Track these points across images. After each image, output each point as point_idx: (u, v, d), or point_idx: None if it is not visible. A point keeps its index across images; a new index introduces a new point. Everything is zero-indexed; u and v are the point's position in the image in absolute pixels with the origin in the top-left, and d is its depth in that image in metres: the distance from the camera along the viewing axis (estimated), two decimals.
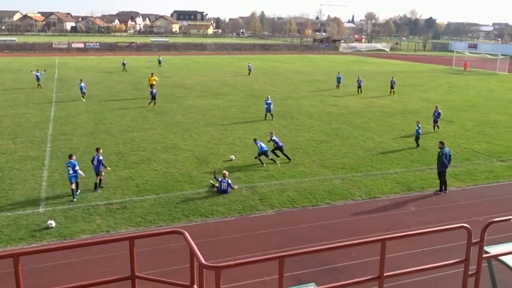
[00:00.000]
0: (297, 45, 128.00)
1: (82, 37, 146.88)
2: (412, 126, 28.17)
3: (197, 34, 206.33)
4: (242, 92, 41.78)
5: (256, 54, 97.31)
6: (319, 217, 14.96)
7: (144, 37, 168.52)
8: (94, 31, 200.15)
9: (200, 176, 18.54)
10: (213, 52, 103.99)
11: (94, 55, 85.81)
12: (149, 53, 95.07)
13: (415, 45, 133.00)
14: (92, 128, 26.39)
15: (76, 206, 15.37)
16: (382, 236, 5.79)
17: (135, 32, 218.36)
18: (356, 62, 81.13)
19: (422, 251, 12.50)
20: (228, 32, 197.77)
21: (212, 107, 33.78)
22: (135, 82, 47.26)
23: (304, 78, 53.47)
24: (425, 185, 18.09)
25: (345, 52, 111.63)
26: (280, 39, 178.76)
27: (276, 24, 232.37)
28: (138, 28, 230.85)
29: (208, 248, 12.45)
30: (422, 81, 52.43)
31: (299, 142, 24.27)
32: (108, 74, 53.75)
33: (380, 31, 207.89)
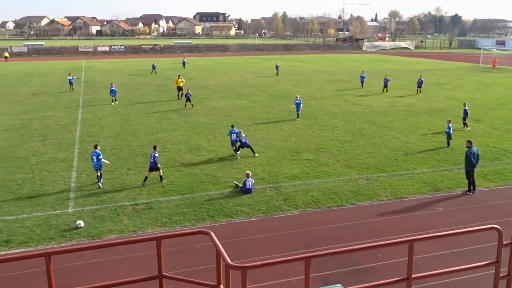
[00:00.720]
0: (320, 44, 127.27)
1: (107, 41, 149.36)
2: (439, 125, 27.72)
3: (219, 36, 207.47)
4: (264, 92, 41.81)
5: (278, 55, 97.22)
6: (344, 217, 14.85)
7: (168, 39, 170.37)
8: (118, 34, 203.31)
9: (224, 177, 18.63)
10: (236, 53, 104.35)
11: (119, 58, 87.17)
12: (172, 55, 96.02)
13: (441, 43, 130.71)
14: (118, 130, 26.81)
15: (104, 206, 15.64)
16: (411, 237, 5.71)
17: (158, 34, 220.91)
18: (380, 61, 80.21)
19: (451, 252, 12.26)
20: (250, 33, 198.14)
21: (235, 108, 33.90)
22: (159, 84, 47.80)
23: (327, 78, 53.15)
24: (453, 185, 17.75)
25: (369, 51, 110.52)
26: (302, 39, 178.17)
27: (298, 24, 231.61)
28: (161, 31, 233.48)
29: (233, 248, 12.49)
30: (448, 80, 51.49)
31: (323, 142, 24.14)
32: (133, 77, 54.52)
33: (404, 29, 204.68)
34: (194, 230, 6.77)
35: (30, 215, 14.90)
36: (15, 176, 18.64)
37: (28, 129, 26.98)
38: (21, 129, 27.15)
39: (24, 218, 14.66)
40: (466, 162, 16.91)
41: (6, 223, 14.24)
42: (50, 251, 5.93)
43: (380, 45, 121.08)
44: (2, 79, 52.33)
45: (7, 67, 68.25)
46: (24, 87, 45.49)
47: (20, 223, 14.29)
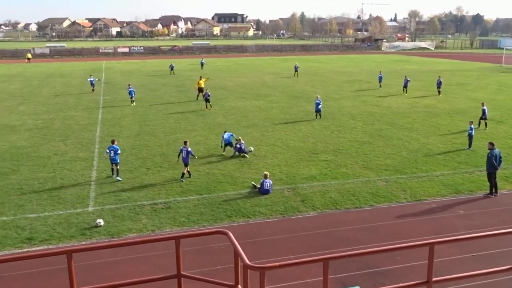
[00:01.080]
0: (338, 45, 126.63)
1: (127, 42, 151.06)
2: (460, 127, 27.32)
3: (237, 36, 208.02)
4: (282, 93, 41.76)
5: (296, 55, 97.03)
6: (362, 219, 14.74)
7: (186, 40, 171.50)
8: (138, 35, 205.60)
9: (242, 177, 18.67)
10: (254, 53, 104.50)
11: (138, 59, 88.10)
12: (191, 56, 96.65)
13: (462, 43, 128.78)
14: (137, 130, 27.09)
15: (123, 205, 15.83)
16: (431, 240, 5.65)
17: (177, 35, 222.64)
18: (399, 61, 79.41)
19: (472, 256, 12.07)
20: (268, 33, 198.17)
21: (253, 109, 33.94)
22: (178, 84, 48.15)
23: (346, 79, 52.84)
24: (474, 188, 17.46)
25: (388, 52, 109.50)
26: (320, 39, 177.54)
27: (317, 24, 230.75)
28: (180, 32, 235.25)
29: (251, 248, 12.51)
30: (469, 80, 50.69)
31: (341, 143, 24.00)
32: (151, 77, 55.04)
33: (424, 29, 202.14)
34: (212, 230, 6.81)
35: (51, 213, 15.16)
36: (37, 175, 19.00)
37: (50, 129, 27.45)
38: (43, 128, 27.65)
39: (46, 216, 14.94)
40: (488, 164, 16.63)
41: (28, 221, 14.53)
42: (72, 248, 6.03)
43: (400, 45, 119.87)
44: (25, 80, 53.37)
45: (30, 68, 69.59)
46: (47, 88, 46.32)
47: (42, 221, 14.56)
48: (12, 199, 16.37)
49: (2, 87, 46.92)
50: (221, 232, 6.53)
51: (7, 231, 13.80)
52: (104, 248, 7.89)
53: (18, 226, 14.17)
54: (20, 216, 14.89)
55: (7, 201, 16.18)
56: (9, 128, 27.75)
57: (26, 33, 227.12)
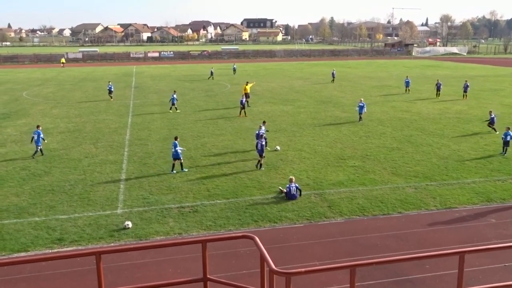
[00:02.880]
0: (367, 50, 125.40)
1: (157, 47, 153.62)
2: (492, 133, 26.61)
3: (266, 41, 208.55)
4: (311, 98, 41.60)
5: (325, 60, 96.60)
6: (390, 226, 14.50)
7: (215, 45, 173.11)
8: (168, 40, 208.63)
9: (269, 182, 18.66)
10: (282, 58, 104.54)
11: (168, 64, 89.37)
12: (220, 60, 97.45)
13: (495, 48, 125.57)
14: (166, 134, 27.45)
15: (151, 208, 16.04)
16: (461, 249, 5.52)
17: (206, 40, 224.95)
18: (430, 66, 78.03)
19: (504, 266, 11.71)
20: (297, 38, 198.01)
21: (281, 113, 33.92)
22: (206, 89, 48.60)
23: (375, 84, 52.25)
24: (507, 196, 16.96)
25: (418, 57, 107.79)
26: (349, 44, 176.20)
27: (346, 29, 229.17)
28: (209, 37, 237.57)
29: (277, 253, 12.47)
30: (503, 86, 49.35)
31: (370, 149, 23.72)
32: (181, 82, 55.72)
33: (457, 33, 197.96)
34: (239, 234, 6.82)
35: (81, 214, 15.50)
36: (68, 177, 19.47)
37: (81, 132, 28.11)
38: (75, 131, 28.34)
39: (76, 217, 15.27)
40: None
41: (59, 222, 14.88)
42: (101, 250, 6.15)
43: (431, 50, 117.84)
44: (59, 84, 54.86)
45: (64, 72, 71.51)
46: (79, 92, 47.48)
47: (72, 222, 14.89)
48: (43, 200, 16.81)
49: (37, 91, 48.37)
50: (247, 236, 6.55)
51: (38, 232, 14.17)
52: (132, 250, 8.03)
53: (49, 226, 14.54)
54: (51, 217, 15.28)
55: (39, 202, 16.63)
56: (43, 131, 28.51)
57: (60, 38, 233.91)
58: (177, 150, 19.94)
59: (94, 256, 6.02)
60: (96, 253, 5.99)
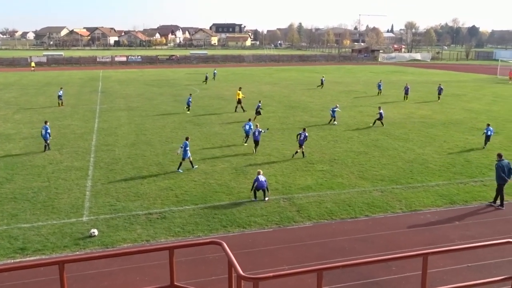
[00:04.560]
0: (335, 55, 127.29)
1: (124, 51, 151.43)
2: (455, 137, 27.45)
3: (235, 46, 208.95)
4: (279, 103, 41.86)
5: (293, 65, 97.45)
6: (358, 229, 14.72)
7: (184, 49, 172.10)
8: (136, 45, 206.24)
9: (238, 187, 18.64)
10: (251, 63, 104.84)
11: (136, 68, 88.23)
12: (188, 65, 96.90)
13: (457, 54, 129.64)
14: (134, 139, 27.06)
15: (118, 215, 15.75)
16: (424, 251, 5.65)
17: (175, 45, 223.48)
18: (396, 72, 79.83)
19: (467, 266, 12.06)
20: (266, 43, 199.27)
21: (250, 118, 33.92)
22: (175, 94, 48.23)
23: (342, 89, 53.04)
24: (469, 198, 17.49)
25: (384, 63, 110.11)
26: (318, 50, 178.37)
27: (314, 35, 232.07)
28: (178, 41, 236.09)
29: (246, 259, 12.47)
30: (465, 91, 50.97)
31: (338, 153, 24.03)
32: (149, 87, 55.11)
33: (421, 40, 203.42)
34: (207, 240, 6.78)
35: (45, 223, 15.07)
36: (31, 184, 18.91)
37: None
38: (38, 137, 27.49)
39: (40, 226, 14.84)
40: (496, 175, 16.64)
41: (22, 231, 14.42)
42: (64, 259, 6.00)
43: (396, 57, 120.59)
44: (22, 89, 53.33)
45: (27, 76, 69.57)
46: (43, 96, 46.28)
47: (35, 230, 14.46)
48: (5, 208, 16.27)
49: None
50: (215, 242, 6.52)
51: (0, 241, 13.70)
52: (97, 258, 7.87)
53: (11, 236, 14.07)
54: (13, 226, 14.79)
55: (0, 210, 16.08)
56: (4, 137, 27.67)
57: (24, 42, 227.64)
58: (187, 150, 20.68)
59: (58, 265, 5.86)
60: (60, 263, 5.83)
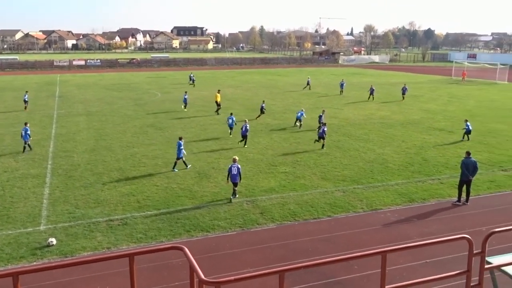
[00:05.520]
0: (297, 58, 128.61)
1: (83, 55, 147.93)
2: (413, 137, 28.24)
3: (197, 49, 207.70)
4: (242, 106, 41.90)
5: (256, 68, 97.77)
6: (320, 230, 14.89)
7: (145, 53, 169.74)
8: (95, 48, 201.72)
9: (201, 191, 18.51)
10: (213, 67, 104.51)
11: (95, 72, 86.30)
12: (149, 69, 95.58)
13: (414, 56, 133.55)
14: (93, 145, 26.43)
15: (77, 223, 15.33)
16: (383, 249, 5.75)
17: (135, 48, 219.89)
18: (356, 74, 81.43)
19: (425, 262, 12.41)
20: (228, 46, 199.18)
21: (213, 122, 33.85)
22: (136, 98, 47.46)
23: (304, 91, 53.63)
24: (427, 196, 18.02)
25: (345, 65, 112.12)
26: (279, 52, 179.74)
27: (276, 38, 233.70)
28: (138, 45, 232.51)
29: (209, 263, 12.39)
30: (422, 92, 52.53)
31: (300, 155, 24.26)
32: (108, 91, 54.01)
33: (379, 43, 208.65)
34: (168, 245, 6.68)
35: None
36: None
37: (0, 145, 26.36)
38: None
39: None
40: (460, 172, 17.21)
41: None
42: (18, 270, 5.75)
43: (356, 59, 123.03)
44: None
45: None
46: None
47: None
48: None
49: None
50: (176, 247, 6.41)
51: None
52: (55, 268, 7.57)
53: None
54: None
55: None
56: None
57: None
58: (181, 149, 21.02)
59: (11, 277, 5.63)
60: (13, 274, 5.59)
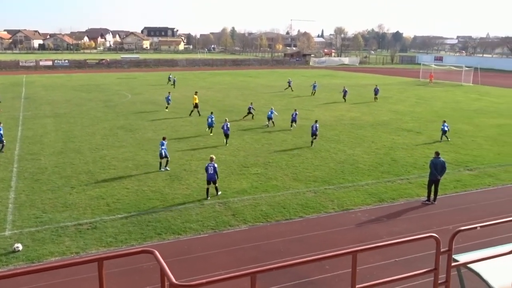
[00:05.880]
0: (268, 60, 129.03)
1: (50, 55, 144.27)
2: (383, 138, 28.74)
3: (168, 50, 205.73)
4: (213, 107, 41.69)
5: (227, 70, 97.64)
6: (292, 231, 14.97)
7: (115, 53, 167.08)
8: (62, 48, 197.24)
9: (172, 193, 18.34)
10: (185, 68, 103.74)
11: (63, 73, 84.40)
12: (119, 70, 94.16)
13: (383, 59, 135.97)
14: (61, 147, 25.84)
15: (44, 228, 14.94)
16: (353, 249, 5.82)
17: (105, 49, 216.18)
18: (327, 75, 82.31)
19: (395, 261, 12.63)
20: (199, 48, 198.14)
21: (184, 123, 33.61)
22: (105, 99, 46.66)
23: (275, 92, 53.84)
24: (396, 196, 18.36)
25: (316, 66, 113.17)
26: (251, 54, 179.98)
27: (247, 39, 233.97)
28: (108, 45, 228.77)
29: (181, 266, 12.29)
30: (390, 94, 53.51)
31: (272, 156, 24.34)
32: (77, 92, 52.91)
33: (349, 45, 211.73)
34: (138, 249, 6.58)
35: None
36: None
37: None
38: None
39: None
40: (429, 172, 17.57)
41: None
42: None
43: (327, 61, 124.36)
44: None
45: None
46: None
47: None
48: None
49: None
50: (147, 251, 6.32)
51: None
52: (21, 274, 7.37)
53: None
54: None
55: None
56: None
57: None
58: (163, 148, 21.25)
59: None
60: None
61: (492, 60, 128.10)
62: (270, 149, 25.85)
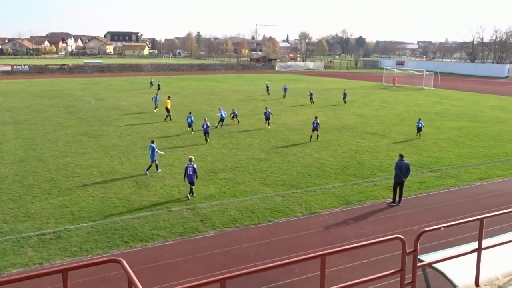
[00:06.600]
0: (234, 64, 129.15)
1: (9, 60, 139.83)
2: (348, 141, 29.20)
3: (132, 55, 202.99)
4: (180, 112, 41.37)
5: (193, 74, 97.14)
6: (261, 235, 14.98)
7: (77, 58, 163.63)
8: (22, 53, 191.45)
9: (139, 200, 18.05)
10: (150, 73, 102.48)
11: (23, 78, 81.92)
12: (82, 75, 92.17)
13: (347, 63, 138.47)
14: (22, 155, 25.03)
15: (5, 238, 14.42)
16: (321, 252, 5.88)
17: (66, 53, 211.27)
18: (292, 80, 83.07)
19: (362, 263, 12.82)
20: (164, 52, 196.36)
21: (150, 129, 33.19)
22: (68, 105, 45.56)
23: (242, 97, 53.95)
24: (362, 198, 18.67)
25: (282, 71, 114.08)
26: (217, 59, 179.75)
27: (213, 44, 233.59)
28: (70, 50, 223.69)
29: (149, 274, 12.09)
30: (355, 98, 54.48)
31: (239, 161, 24.33)
32: (38, 98, 51.45)
33: (314, 50, 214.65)
34: (105, 258, 6.43)
35: None
36: None
37: None
38: None
39: None
40: (395, 174, 17.92)
41: None
42: None
43: (292, 65, 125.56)
44: None
45: None
46: None
47: None
48: None
49: None
50: (114, 260, 6.19)
51: None
52: None
53: None
54: None
55: None
56: None
57: None
58: (154, 153, 21.50)
59: None
60: None
61: (451, 64, 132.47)
62: (238, 154, 25.84)
